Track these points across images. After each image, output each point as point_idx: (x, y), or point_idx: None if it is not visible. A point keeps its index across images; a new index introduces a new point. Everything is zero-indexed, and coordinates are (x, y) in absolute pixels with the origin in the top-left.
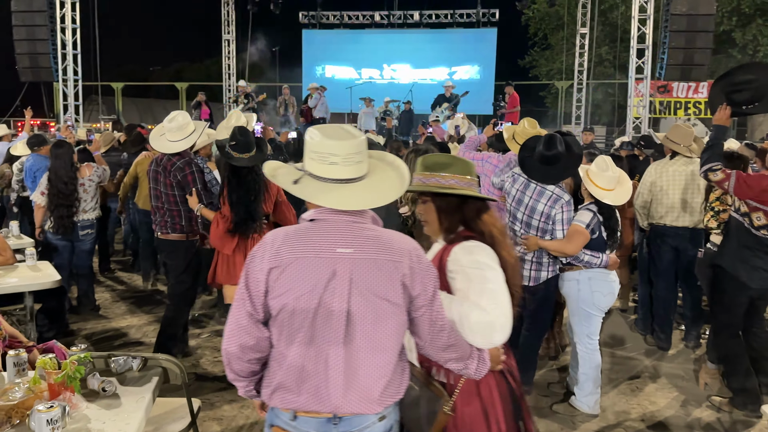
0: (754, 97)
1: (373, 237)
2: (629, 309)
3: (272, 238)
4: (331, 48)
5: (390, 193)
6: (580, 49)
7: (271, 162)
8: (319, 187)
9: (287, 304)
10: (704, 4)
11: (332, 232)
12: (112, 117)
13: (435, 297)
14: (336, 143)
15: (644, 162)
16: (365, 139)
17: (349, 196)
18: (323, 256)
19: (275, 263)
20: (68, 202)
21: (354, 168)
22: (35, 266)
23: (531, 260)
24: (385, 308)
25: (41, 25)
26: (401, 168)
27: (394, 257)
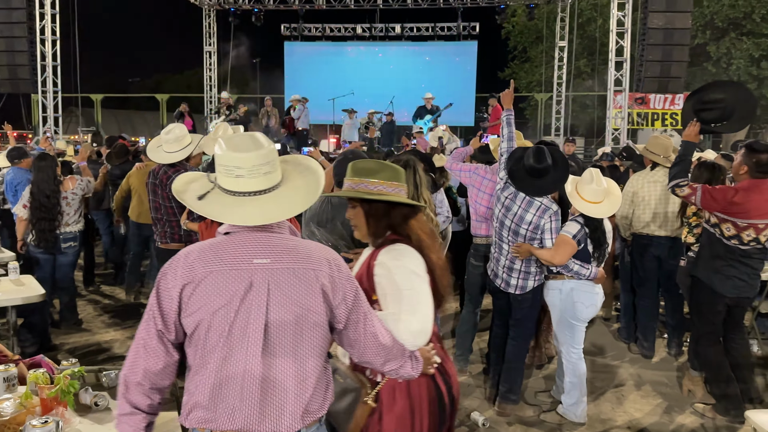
0: (723, 116)
1: (290, 247)
2: (612, 318)
3: (185, 253)
4: (313, 60)
5: (299, 204)
6: (558, 62)
7: (185, 175)
8: (226, 202)
9: (203, 320)
10: (680, 18)
11: (248, 243)
12: (91, 129)
13: (358, 305)
14: (241, 155)
15: (625, 173)
16: (273, 149)
17: (253, 212)
18: (239, 268)
19: (188, 279)
20: (50, 215)
21: (261, 180)
22: (18, 280)
23: (519, 269)
24: (306, 319)
25: (20, 36)
26: (317, 173)
27: (313, 266)
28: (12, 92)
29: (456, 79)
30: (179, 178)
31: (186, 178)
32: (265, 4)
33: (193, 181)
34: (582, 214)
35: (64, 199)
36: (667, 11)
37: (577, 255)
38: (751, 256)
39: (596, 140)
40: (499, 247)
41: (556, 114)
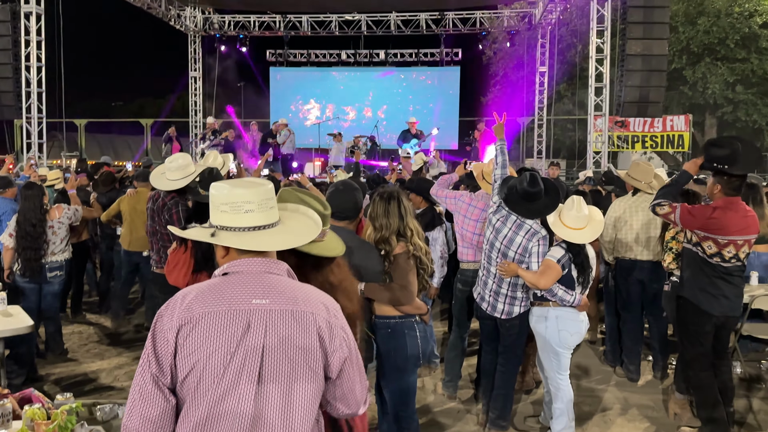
0: (729, 158)
1: (289, 289)
2: (598, 341)
3: (183, 294)
4: (298, 85)
5: (307, 234)
6: (539, 87)
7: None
8: (235, 236)
9: (198, 361)
10: (657, 45)
11: (247, 283)
12: (75, 153)
13: (352, 356)
14: (249, 191)
15: (607, 197)
16: (272, 187)
17: (269, 240)
18: (237, 308)
19: (185, 320)
20: (36, 244)
21: (269, 213)
22: (6, 311)
23: (506, 294)
24: (301, 363)
25: (5, 63)
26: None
27: (312, 308)
28: None
29: (439, 103)
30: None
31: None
32: (250, 31)
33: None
34: (565, 240)
35: (50, 228)
36: (645, 38)
37: (562, 280)
38: (732, 274)
39: (578, 162)
40: (487, 270)
41: (538, 137)
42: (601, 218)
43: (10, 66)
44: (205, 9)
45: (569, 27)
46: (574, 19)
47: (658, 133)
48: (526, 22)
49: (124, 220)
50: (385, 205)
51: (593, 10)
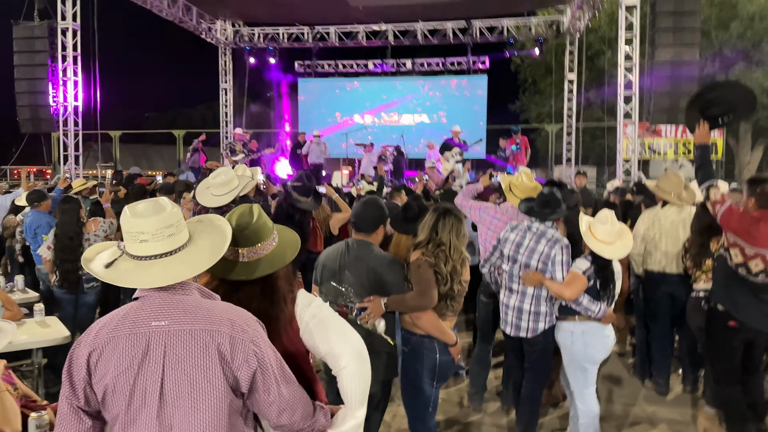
0: (728, 109)
1: (192, 308)
2: (627, 353)
3: (97, 321)
4: (326, 95)
5: (204, 262)
6: (568, 94)
7: (96, 246)
8: (132, 268)
9: (108, 385)
10: (688, 51)
11: (149, 306)
12: (110, 164)
13: (265, 368)
14: (143, 221)
15: (637, 208)
16: (177, 211)
17: (157, 273)
18: (137, 332)
19: (93, 346)
20: (73, 256)
21: (166, 242)
22: (44, 322)
23: (529, 310)
24: (202, 384)
25: (43, 78)
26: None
27: (211, 326)
28: (34, 132)
29: (467, 112)
30: (89, 249)
31: (96, 249)
32: (279, 43)
33: (103, 249)
34: (591, 252)
35: (86, 241)
36: (675, 45)
37: (588, 291)
38: (763, 290)
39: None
40: (509, 288)
41: (567, 145)
42: (630, 237)
43: (47, 81)
44: (236, 22)
45: (598, 34)
46: (602, 25)
47: (691, 140)
48: (554, 30)
49: None
50: (428, 217)
51: (621, 18)
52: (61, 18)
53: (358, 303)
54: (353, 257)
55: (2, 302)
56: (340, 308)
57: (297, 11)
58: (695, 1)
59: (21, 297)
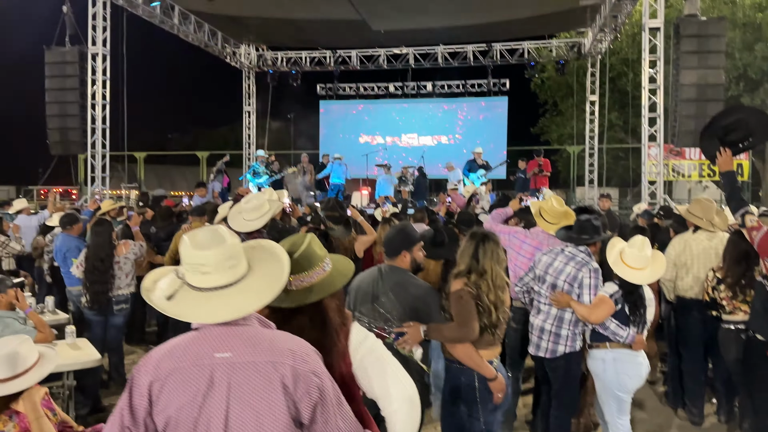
0: (747, 133)
1: (254, 339)
2: (657, 380)
3: (157, 350)
4: (347, 117)
5: (265, 294)
6: (590, 116)
7: (154, 272)
8: (194, 299)
9: (170, 417)
10: (713, 74)
11: (211, 338)
12: (134, 185)
13: (325, 400)
14: (206, 253)
15: (665, 231)
16: (237, 242)
17: (219, 307)
18: (201, 364)
19: (155, 376)
20: (103, 278)
21: (228, 274)
22: (75, 344)
23: (550, 330)
24: (267, 416)
25: (73, 101)
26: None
27: (274, 358)
28: (63, 154)
29: (487, 133)
30: (147, 276)
31: (154, 276)
32: (301, 66)
33: (161, 277)
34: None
35: (116, 264)
36: (700, 68)
37: (616, 316)
38: None
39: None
40: (537, 309)
41: (589, 166)
42: (663, 262)
43: (78, 104)
44: (259, 47)
45: (619, 56)
46: (624, 47)
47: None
48: (575, 52)
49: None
50: (465, 243)
51: (645, 40)
52: (91, 43)
53: (395, 327)
54: (388, 283)
55: (35, 324)
56: (378, 330)
57: (319, 36)
58: (720, 25)
59: (51, 318)
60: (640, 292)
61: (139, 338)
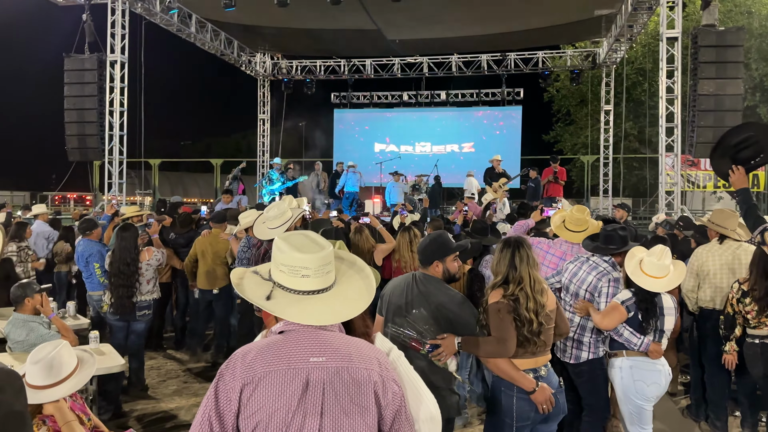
0: (759, 149)
1: (343, 345)
2: (678, 392)
3: (243, 353)
4: (360, 126)
5: (359, 303)
6: (605, 125)
7: (237, 271)
8: (291, 300)
9: (260, 421)
10: (731, 85)
11: (303, 342)
12: (148, 192)
13: (402, 406)
14: (308, 257)
15: (683, 242)
16: (332, 249)
17: (322, 310)
18: (296, 367)
19: (248, 379)
20: (128, 282)
21: (325, 278)
22: (98, 349)
23: (573, 338)
24: (358, 419)
25: (91, 108)
26: (367, 274)
27: (366, 365)
28: (81, 160)
29: (500, 142)
30: (233, 275)
31: (238, 273)
32: (316, 74)
33: (244, 277)
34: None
35: (138, 269)
36: (717, 78)
37: (631, 323)
38: None
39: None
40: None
41: (603, 176)
42: (683, 272)
43: (96, 111)
44: (274, 55)
45: (634, 65)
46: (639, 57)
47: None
48: (589, 61)
49: (199, 260)
50: (499, 254)
51: (662, 50)
52: (110, 51)
53: (430, 339)
54: (422, 292)
55: (59, 329)
56: (412, 342)
57: (334, 44)
58: (738, 35)
59: (72, 323)
60: (654, 301)
61: (156, 344)
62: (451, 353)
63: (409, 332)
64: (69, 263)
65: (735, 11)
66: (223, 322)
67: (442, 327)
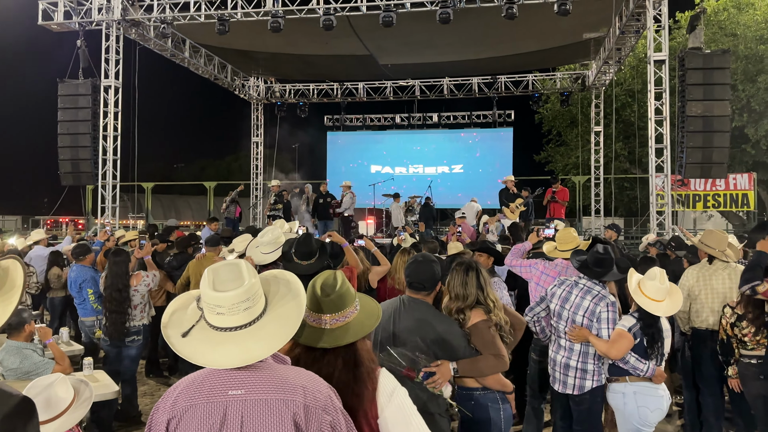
0: None
1: (267, 376)
2: (673, 413)
3: (174, 386)
4: (354, 148)
5: (280, 339)
6: (595, 146)
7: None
8: (208, 339)
9: None
10: (718, 106)
11: (225, 374)
12: (141, 215)
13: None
14: (220, 295)
15: (675, 262)
16: (255, 282)
17: (232, 352)
18: (214, 401)
19: (173, 414)
20: (121, 308)
21: (242, 315)
22: (92, 376)
23: (576, 367)
24: None
25: (85, 133)
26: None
27: (286, 395)
28: (74, 185)
29: (492, 164)
30: (170, 306)
31: (176, 303)
32: (309, 98)
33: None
34: (639, 309)
35: None
36: (705, 100)
37: (635, 350)
38: None
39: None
40: (557, 345)
41: (595, 197)
42: (680, 295)
43: (89, 135)
44: (268, 79)
45: (624, 87)
46: (628, 78)
47: (721, 192)
48: (579, 84)
49: (192, 284)
50: (463, 276)
51: (650, 73)
52: (104, 76)
53: (423, 366)
54: (414, 318)
55: (55, 356)
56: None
57: (327, 69)
58: (724, 57)
59: (66, 349)
60: (658, 325)
61: (149, 370)
62: (447, 379)
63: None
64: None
65: (720, 33)
66: None
67: (437, 354)
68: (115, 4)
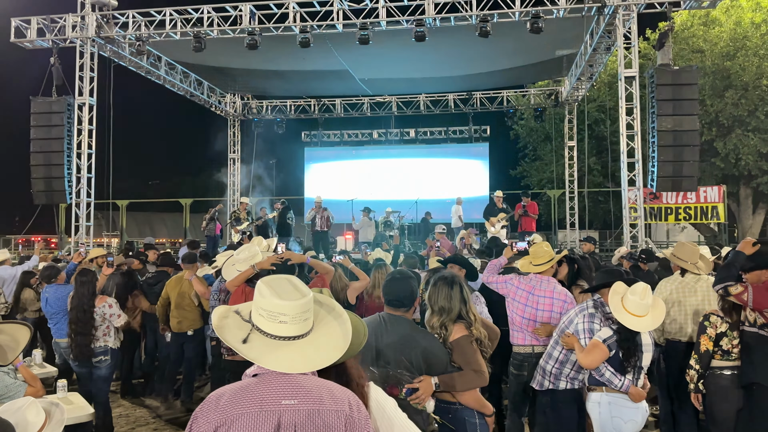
0: None
1: (315, 388)
2: (649, 424)
3: (217, 395)
4: (331, 163)
5: (333, 352)
6: (569, 161)
7: (219, 309)
8: (267, 346)
9: None
10: (687, 121)
11: (276, 385)
12: (116, 233)
13: None
14: (286, 304)
15: (647, 275)
16: (312, 296)
17: (295, 358)
18: (268, 409)
19: (221, 421)
20: (85, 329)
21: (302, 325)
22: (66, 398)
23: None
24: None
25: (59, 151)
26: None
27: (337, 407)
28: (47, 203)
29: (469, 178)
30: (215, 314)
31: (220, 312)
32: (286, 114)
33: (226, 316)
34: (617, 322)
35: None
36: (675, 114)
37: (610, 362)
38: None
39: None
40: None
41: (570, 210)
42: (663, 309)
43: (63, 153)
44: (245, 95)
45: (596, 102)
46: (601, 95)
47: (692, 205)
48: (552, 99)
49: (172, 303)
50: (448, 290)
51: (621, 89)
52: (78, 94)
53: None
54: (398, 335)
55: (26, 378)
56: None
57: (304, 85)
58: (692, 74)
59: (39, 372)
60: (636, 339)
61: (125, 391)
62: (429, 395)
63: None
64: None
65: (687, 50)
66: (193, 364)
67: (420, 369)
68: (90, 22)
